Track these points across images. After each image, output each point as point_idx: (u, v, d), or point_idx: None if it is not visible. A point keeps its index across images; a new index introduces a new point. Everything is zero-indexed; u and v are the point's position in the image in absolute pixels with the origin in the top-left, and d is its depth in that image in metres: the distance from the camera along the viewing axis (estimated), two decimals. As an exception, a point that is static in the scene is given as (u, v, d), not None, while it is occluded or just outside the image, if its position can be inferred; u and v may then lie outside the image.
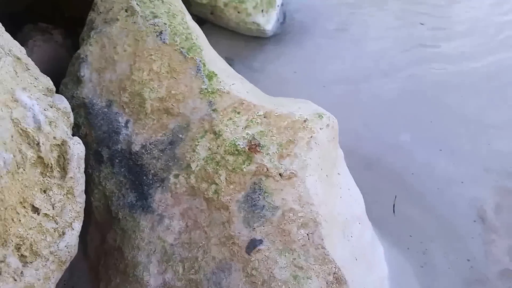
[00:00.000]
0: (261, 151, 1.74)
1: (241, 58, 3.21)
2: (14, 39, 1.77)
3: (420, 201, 2.36)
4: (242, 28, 3.17)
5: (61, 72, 2.23)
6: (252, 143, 1.75)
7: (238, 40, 3.30)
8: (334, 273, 1.59)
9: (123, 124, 1.95)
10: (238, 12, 3.06)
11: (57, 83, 2.08)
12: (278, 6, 3.21)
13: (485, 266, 2.12)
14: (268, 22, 3.14)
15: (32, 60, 1.79)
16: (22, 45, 1.79)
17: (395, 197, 2.41)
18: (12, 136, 1.46)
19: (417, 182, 2.42)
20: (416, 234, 2.25)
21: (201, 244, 1.71)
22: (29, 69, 1.71)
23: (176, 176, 1.82)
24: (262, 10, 3.08)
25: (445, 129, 2.61)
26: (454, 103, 2.73)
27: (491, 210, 2.25)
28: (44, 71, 1.82)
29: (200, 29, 2.26)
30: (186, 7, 2.38)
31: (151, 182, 1.86)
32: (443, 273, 2.12)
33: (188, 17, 2.20)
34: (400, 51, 3.08)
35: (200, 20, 3.22)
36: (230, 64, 3.02)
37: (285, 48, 3.24)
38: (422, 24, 3.25)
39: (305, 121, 1.78)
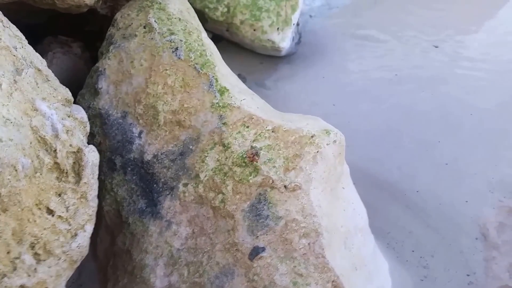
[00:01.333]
0: (259, 159, 1.80)
1: (254, 76, 3.28)
2: (35, 50, 1.86)
3: (424, 218, 2.39)
4: (257, 45, 3.22)
5: (78, 83, 2.29)
6: (250, 152, 1.82)
7: (252, 59, 3.36)
8: (333, 281, 1.64)
9: (136, 135, 2.03)
10: (254, 30, 3.11)
11: (74, 94, 2.16)
12: (293, 24, 3.26)
13: (484, 281, 2.14)
14: (283, 40, 3.20)
15: (51, 71, 1.87)
16: (42, 56, 1.86)
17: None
18: (31, 143, 1.54)
19: (422, 199, 2.45)
20: (418, 249, 2.29)
21: (206, 250, 1.77)
22: (49, 80, 1.79)
23: (185, 185, 1.88)
24: (278, 28, 3.15)
25: (453, 149, 2.64)
26: (464, 124, 2.76)
27: (494, 229, 2.27)
28: (62, 82, 1.89)
29: (214, 46, 2.33)
30: (202, 23, 2.46)
31: (161, 190, 1.93)
32: (443, 287, 2.16)
33: (204, 35, 2.28)
34: (412, 73, 3.12)
35: (216, 38, 3.30)
36: (243, 82, 3.09)
37: (298, 68, 3.30)
38: (436, 47, 3.30)
39: (312, 136, 1.83)
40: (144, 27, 2.17)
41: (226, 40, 3.34)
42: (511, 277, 2.14)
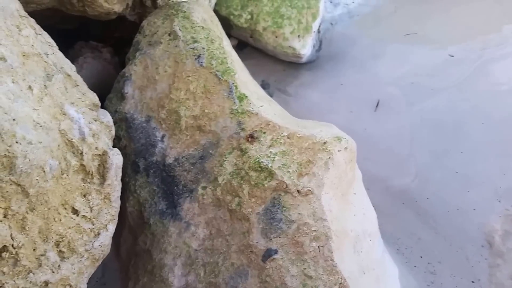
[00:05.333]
0: (255, 141, 1.93)
1: (276, 82, 3.35)
2: (66, 55, 1.94)
3: (432, 225, 2.44)
4: (279, 52, 3.30)
5: (108, 87, 2.39)
6: (249, 135, 1.94)
7: (275, 65, 3.43)
8: (340, 283, 1.70)
9: (159, 138, 2.13)
10: (276, 37, 3.20)
11: (104, 98, 2.26)
12: (314, 32, 3.33)
13: (488, 288, 2.22)
14: (304, 47, 3.27)
15: (81, 75, 1.96)
16: (72, 61, 1.95)
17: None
18: (59, 145, 1.63)
19: (431, 207, 2.50)
20: (426, 255, 2.35)
21: (222, 251, 1.86)
22: (77, 85, 1.88)
23: (204, 188, 1.97)
24: (298, 36, 3.22)
25: (464, 158, 2.67)
26: (475, 133, 2.77)
27: (499, 237, 2.31)
28: (92, 86, 1.98)
29: (236, 53, 2.41)
30: (228, 29, 2.54)
31: (181, 192, 2.02)
32: (448, 293, 2.22)
33: (226, 42, 2.36)
34: (427, 81, 3.16)
35: (242, 44, 3.39)
36: (265, 88, 3.17)
37: (318, 75, 3.36)
38: (452, 56, 3.33)
39: (324, 143, 1.90)
40: (169, 35, 2.26)
41: (251, 46, 3.43)
42: (514, 285, 2.20)
